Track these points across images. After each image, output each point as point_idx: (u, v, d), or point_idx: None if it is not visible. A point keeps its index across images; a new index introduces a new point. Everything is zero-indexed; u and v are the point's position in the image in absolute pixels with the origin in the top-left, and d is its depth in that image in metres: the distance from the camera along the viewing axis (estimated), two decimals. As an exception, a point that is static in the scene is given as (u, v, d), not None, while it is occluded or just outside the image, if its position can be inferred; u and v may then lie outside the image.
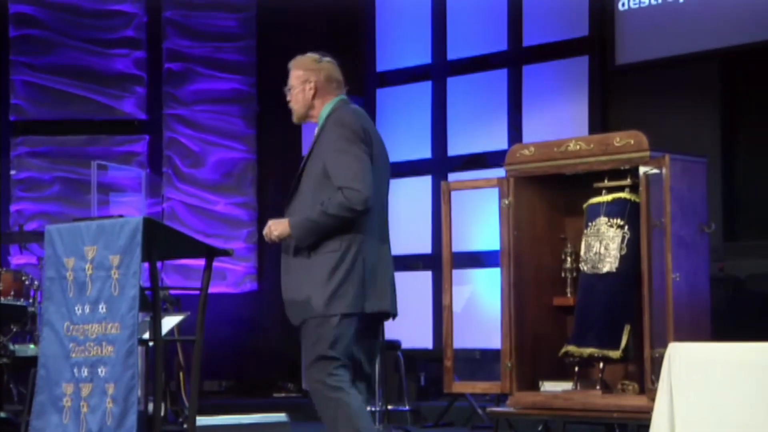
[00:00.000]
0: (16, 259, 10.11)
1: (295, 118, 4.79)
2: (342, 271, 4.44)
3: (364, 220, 4.47)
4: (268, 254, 10.34)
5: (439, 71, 9.92)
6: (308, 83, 4.67)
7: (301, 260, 4.50)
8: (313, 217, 4.43)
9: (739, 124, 8.34)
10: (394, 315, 4.64)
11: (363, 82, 10.33)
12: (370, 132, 4.57)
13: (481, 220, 8.58)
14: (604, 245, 5.76)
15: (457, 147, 9.75)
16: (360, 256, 4.47)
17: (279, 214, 4.63)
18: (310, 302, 4.44)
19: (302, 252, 4.49)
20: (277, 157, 10.51)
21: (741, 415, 4.16)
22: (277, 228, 4.50)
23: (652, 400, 4.68)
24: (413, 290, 9.64)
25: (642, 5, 8.60)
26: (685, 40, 8.35)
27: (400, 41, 10.23)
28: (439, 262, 6.64)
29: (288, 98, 4.76)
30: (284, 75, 4.77)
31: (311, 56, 4.75)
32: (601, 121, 8.80)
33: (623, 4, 8.69)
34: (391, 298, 4.59)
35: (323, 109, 4.67)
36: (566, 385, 5.83)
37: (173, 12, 10.86)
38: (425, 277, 9.69)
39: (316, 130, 4.69)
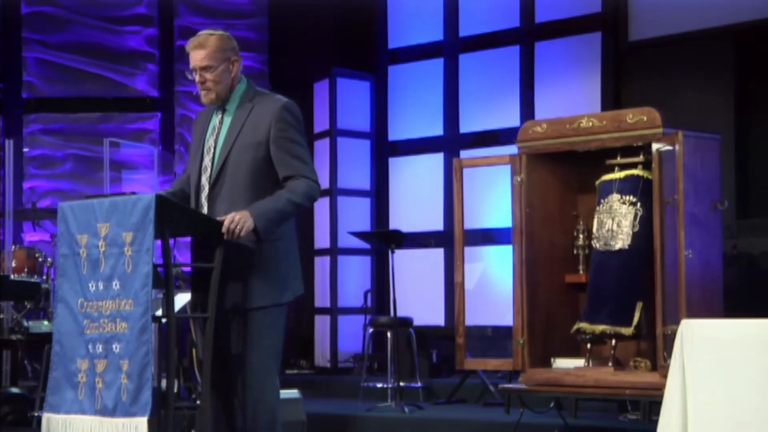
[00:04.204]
0: (30, 236, 10.16)
1: (212, 101, 4.45)
2: (288, 258, 4.36)
3: None
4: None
5: (451, 48, 9.89)
6: (233, 62, 4.43)
7: (243, 246, 4.27)
8: (279, 207, 4.23)
9: (752, 101, 8.30)
10: None
11: (375, 59, 10.30)
12: None
13: (493, 197, 8.56)
14: (616, 222, 5.75)
15: (469, 124, 9.72)
16: (295, 242, 4.42)
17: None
18: (260, 291, 4.31)
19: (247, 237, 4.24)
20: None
21: (754, 392, 4.16)
22: (244, 222, 4.15)
23: (665, 377, 4.68)
24: (425, 267, 9.64)
25: (655, -19, 8.56)
26: (699, 17, 8.30)
27: (412, 18, 10.18)
28: (451, 239, 6.64)
29: (200, 79, 4.43)
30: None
31: (220, 32, 4.48)
32: (613, 97, 8.77)
33: (636, -20, 8.65)
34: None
35: (236, 89, 4.47)
36: (578, 362, 5.83)
37: (185, -11, 10.85)
38: (437, 254, 9.69)
39: (229, 111, 4.44)
